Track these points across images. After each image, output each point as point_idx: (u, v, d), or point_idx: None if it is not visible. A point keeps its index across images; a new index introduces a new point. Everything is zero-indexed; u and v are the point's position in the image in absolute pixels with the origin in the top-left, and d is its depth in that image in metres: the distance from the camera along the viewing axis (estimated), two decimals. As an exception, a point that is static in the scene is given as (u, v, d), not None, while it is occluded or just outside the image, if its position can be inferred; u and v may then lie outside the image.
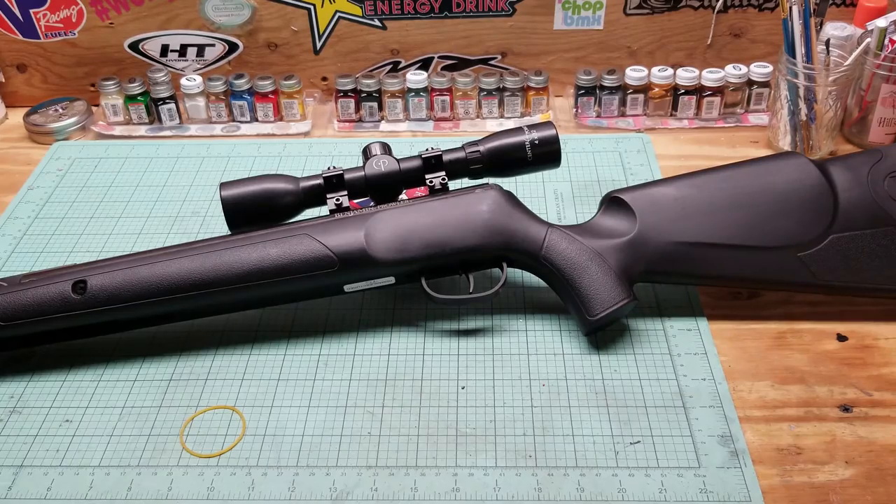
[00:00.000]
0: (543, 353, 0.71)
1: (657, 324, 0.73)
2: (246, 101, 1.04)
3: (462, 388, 0.68)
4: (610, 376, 0.69)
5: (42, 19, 1.05)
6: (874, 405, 0.66)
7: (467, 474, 0.61)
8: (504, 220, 0.72)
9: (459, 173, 0.76)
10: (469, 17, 1.04)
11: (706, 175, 0.75)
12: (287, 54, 1.07)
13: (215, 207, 0.90)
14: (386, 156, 0.75)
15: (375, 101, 1.04)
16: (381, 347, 0.72)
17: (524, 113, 1.05)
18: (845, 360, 0.70)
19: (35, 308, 0.68)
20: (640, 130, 1.01)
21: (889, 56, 0.90)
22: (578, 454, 0.62)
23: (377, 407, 0.67)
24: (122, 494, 0.61)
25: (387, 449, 0.64)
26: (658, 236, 0.71)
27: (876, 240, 0.71)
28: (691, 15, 1.03)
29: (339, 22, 1.04)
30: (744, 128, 1.01)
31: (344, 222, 0.71)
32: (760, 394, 0.67)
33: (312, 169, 0.96)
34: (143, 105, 1.05)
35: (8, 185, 0.97)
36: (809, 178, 0.72)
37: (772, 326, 0.73)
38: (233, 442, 0.65)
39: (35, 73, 1.10)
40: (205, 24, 1.05)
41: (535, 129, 0.75)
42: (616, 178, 0.93)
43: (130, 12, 1.04)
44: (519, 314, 0.75)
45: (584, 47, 1.06)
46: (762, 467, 0.61)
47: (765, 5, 1.02)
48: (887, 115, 0.93)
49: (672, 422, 0.65)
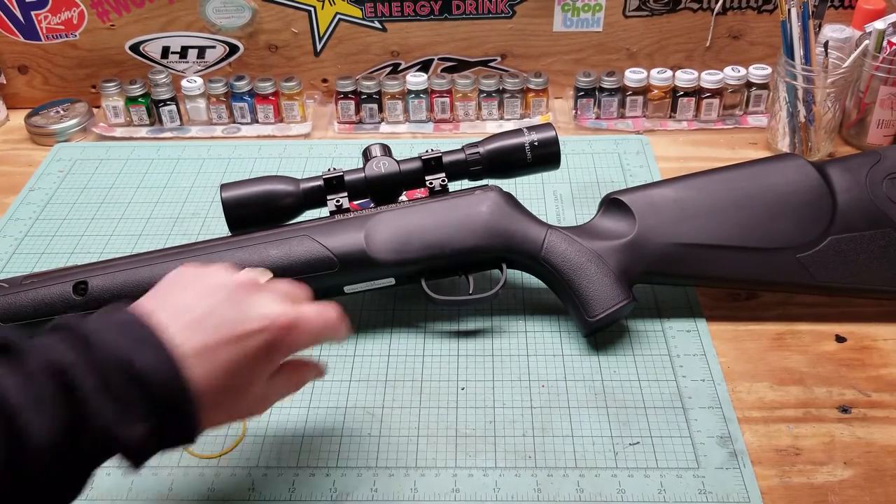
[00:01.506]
0: (543, 354, 0.71)
1: (656, 325, 0.74)
2: (246, 102, 1.05)
3: (462, 389, 0.69)
4: (609, 377, 0.69)
5: (43, 21, 1.05)
6: (873, 406, 0.66)
7: (467, 475, 0.62)
8: (504, 221, 0.72)
9: (459, 175, 0.76)
10: (469, 19, 1.04)
11: (705, 176, 0.75)
12: (287, 56, 1.08)
13: (216, 209, 0.90)
14: (386, 157, 0.75)
15: (375, 103, 1.04)
16: (381, 348, 0.73)
17: (524, 114, 1.05)
18: (844, 361, 0.70)
19: (36, 309, 0.68)
20: (640, 132, 1.02)
21: (887, 58, 0.90)
22: (578, 455, 0.63)
23: (377, 407, 0.67)
24: (123, 495, 0.61)
25: (387, 449, 0.64)
26: (657, 237, 0.72)
27: (874, 241, 0.71)
28: (690, 17, 1.03)
29: (339, 24, 1.05)
30: (743, 129, 1.01)
31: (344, 223, 0.72)
32: (759, 395, 0.67)
33: (313, 170, 0.96)
34: (143, 107, 1.05)
35: (9, 187, 0.97)
36: (808, 180, 0.73)
37: (770, 327, 0.74)
38: (233, 442, 0.65)
39: (36, 75, 1.10)
40: (205, 26, 1.05)
41: (534, 131, 0.75)
42: (615, 179, 0.93)
43: (131, 14, 1.04)
44: (518, 315, 0.75)
45: (583, 49, 1.06)
46: (761, 468, 0.61)
47: (763, 7, 1.02)
48: (886, 117, 0.94)
49: (671, 422, 0.65)
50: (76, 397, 0.42)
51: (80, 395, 0.42)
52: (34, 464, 0.40)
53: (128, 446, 0.44)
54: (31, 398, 0.40)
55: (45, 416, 0.40)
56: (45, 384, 0.41)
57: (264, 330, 0.49)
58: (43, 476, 0.41)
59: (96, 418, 0.42)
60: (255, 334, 0.48)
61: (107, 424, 0.42)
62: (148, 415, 0.43)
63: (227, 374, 0.47)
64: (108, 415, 0.42)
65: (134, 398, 0.43)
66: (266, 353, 0.49)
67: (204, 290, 0.49)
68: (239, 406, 0.51)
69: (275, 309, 0.50)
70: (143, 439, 0.44)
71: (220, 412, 0.49)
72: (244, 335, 0.48)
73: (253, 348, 0.48)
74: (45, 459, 0.41)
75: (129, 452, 0.44)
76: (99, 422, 0.42)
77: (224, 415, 0.50)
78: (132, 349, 0.44)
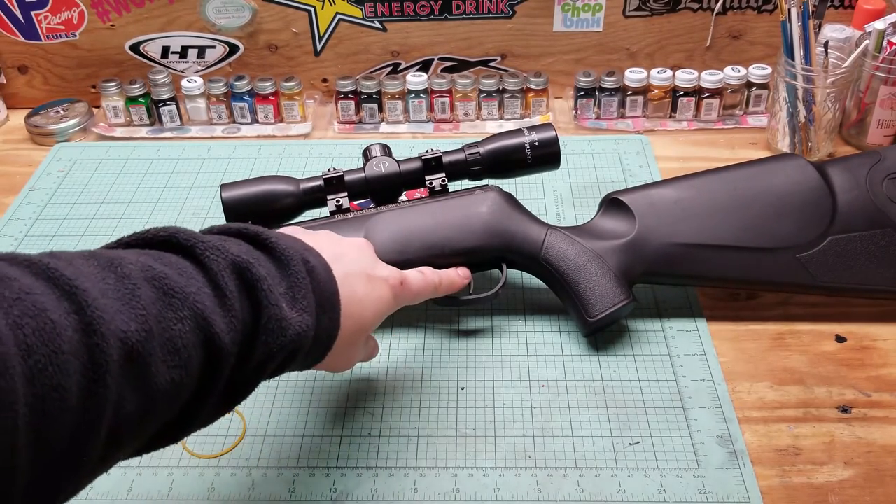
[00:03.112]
0: (543, 354, 0.71)
1: (656, 325, 0.74)
2: (246, 102, 1.05)
3: (462, 389, 0.69)
4: (609, 377, 0.69)
5: (43, 21, 1.05)
6: (873, 406, 0.66)
7: (467, 475, 0.62)
8: (504, 221, 0.72)
9: (459, 175, 0.76)
10: (469, 19, 1.04)
11: (705, 176, 0.75)
12: (287, 56, 1.08)
13: (216, 209, 0.90)
14: (386, 157, 0.75)
15: (375, 103, 1.04)
16: (381, 348, 0.73)
17: (524, 114, 1.05)
18: (844, 361, 0.70)
19: None
20: (640, 132, 1.02)
21: (887, 58, 0.90)
22: (578, 455, 0.63)
23: (377, 407, 0.67)
24: (123, 495, 0.61)
25: (387, 449, 0.64)
26: (657, 238, 0.72)
27: (874, 241, 0.71)
28: (690, 17, 1.03)
29: (339, 24, 1.05)
30: (743, 129, 1.01)
31: (344, 224, 0.72)
32: (759, 395, 0.67)
33: (313, 170, 0.96)
34: (143, 106, 1.05)
35: (9, 187, 0.97)
36: (808, 180, 0.73)
37: (771, 327, 0.74)
38: (233, 442, 0.65)
39: (36, 75, 1.10)
40: (205, 26, 1.05)
41: (534, 131, 0.75)
42: (615, 179, 0.93)
43: (131, 14, 1.04)
44: (518, 315, 0.75)
45: (583, 49, 1.06)
46: (761, 468, 0.61)
47: (763, 7, 1.02)
48: (886, 117, 0.94)
49: (671, 422, 0.65)
50: (258, 288, 0.44)
51: (262, 287, 0.44)
52: (224, 364, 0.42)
53: (299, 335, 0.45)
54: (218, 299, 0.42)
55: (232, 310, 0.42)
56: (230, 280, 0.43)
57: (388, 280, 0.57)
58: (226, 372, 0.42)
59: (275, 307, 0.44)
60: (381, 281, 0.57)
61: (283, 314, 0.45)
62: (313, 308, 0.47)
63: (359, 305, 0.53)
64: (283, 306, 0.45)
65: (305, 290, 0.47)
66: (385, 302, 0.57)
67: (337, 239, 0.57)
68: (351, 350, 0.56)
69: (392, 269, 0.59)
70: (309, 328, 0.46)
71: (339, 347, 0.52)
72: (374, 278, 0.56)
73: (378, 292, 0.56)
74: (231, 352, 0.42)
75: (296, 343, 0.46)
76: (275, 311, 0.44)
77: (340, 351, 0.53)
78: (305, 250, 0.50)
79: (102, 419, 0.35)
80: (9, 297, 0.33)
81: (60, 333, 0.33)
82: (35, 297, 0.34)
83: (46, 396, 0.33)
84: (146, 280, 0.39)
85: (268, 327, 0.44)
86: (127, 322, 0.37)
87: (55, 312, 0.34)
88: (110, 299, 0.37)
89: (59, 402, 0.33)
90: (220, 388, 0.43)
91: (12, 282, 0.34)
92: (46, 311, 0.34)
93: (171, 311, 0.39)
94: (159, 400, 0.38)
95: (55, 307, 0.34)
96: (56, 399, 0.33)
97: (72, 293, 0.35)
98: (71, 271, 0.36)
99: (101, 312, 0.35)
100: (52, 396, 0.33)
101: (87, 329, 0.35)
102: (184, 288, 0.40)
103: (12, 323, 0.32)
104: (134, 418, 0.37)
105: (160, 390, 0.38)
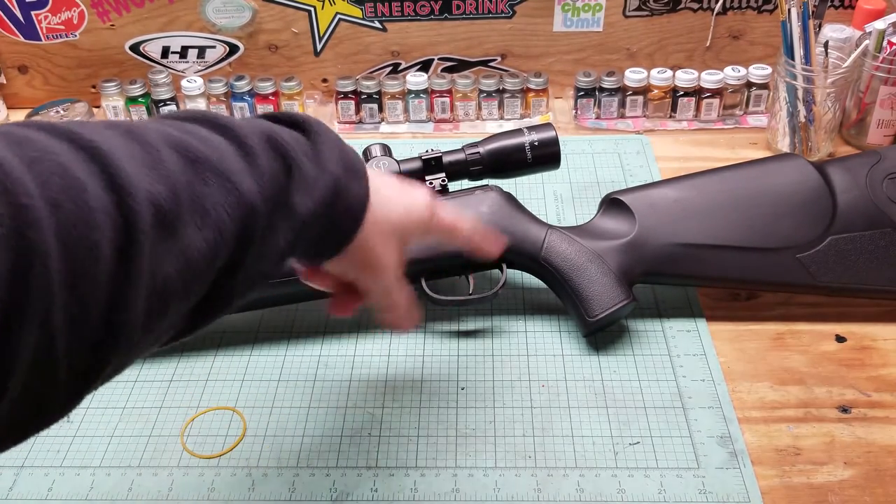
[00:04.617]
0: (543, 354, 0.71)
1: (656, 325, 0.74)
2: (247, 102, 1.05)
3: (462, 389, 0.69)
4: (609, 377, 0.69)
5: (43, 21, 1.05)
6: (873, 406, 0.66)
7: (467, 475, 0.62)
8: (504, 221, 0.72)
9: (459, 175, 0.76)
10: (469, 19, 1.04)
11: (705, 176, 0.75)
12: (287, 56, 1.08)
13: (216, 209, 0.90)
14: (386, 157, 0.75)
15: (375, 103, 1.04)
16: (381, 348, 0.73)
17: (524, 114, 1.05)
18: (844, 361, 0.70)
19: None
20: (640, 132, 1.02)
21: (887, 58, 0.90)
22: (578, 455, 0.63)
23: (377, 407, 0.67)
24: (123, 495, 0.61)
25: (387, 449, 0.64)
26: (657, 238, 0.72)
27: (874, 241, 0.71)
28: (690, 17, 1.03)
29: (339, 24, 1.05)
30: (743, 129, 1.01)
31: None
32: (759, 395, 0.67)
33: (313, 170, 0.96)
34: (144, 107, 1.05)
35: (9, 187, 0.97)
36: (808, 180, 0.73)
37: (771, 327, 0.74)
38: (233, 442, 0.65)
39: (36, 75, 1.10)
40: (205, 26, 1.05)
41: (534, 131, 0.75)
42: (615, 179, 0.93)
43: (131, 14, 1.04)
44: (519, 315, 0.75)
45: (583, 49, 1.06)
46: (761, 468, 0.61)
47: (763, 7, 1.02)
48: (886, 117, 0.94)
49: (671, 422, 0.65)
50: (285, 149, 0.44)
51: (289, 148, 0.44)
52: (256, 224, 0.41)
53: (329, 189, 0.45)
54: (244, 159, 0.41)
55: (261, 168, 0.42)
56: (257, 141, 0.43)
57: (423, 202, 0.56)
58: (259, 232, 0.41)
59: (305, 164, 0.44)
60: (418, 202, 0.55)
61: (311, 172, 0.45)
62: (341, 165, 0.47)
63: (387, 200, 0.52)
64: (310, 164, 0.45)
65: (331, 150, 0.47)
66: (418, 225, 0.55)
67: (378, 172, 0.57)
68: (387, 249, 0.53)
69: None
70: (339, 180, 0.46)
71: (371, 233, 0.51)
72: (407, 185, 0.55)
73: (415, 214, 0.55)
74: (262, 211, 0.41)
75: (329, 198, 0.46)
76: (306, 168, 0.44)
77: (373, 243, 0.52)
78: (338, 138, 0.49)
79: (139, 281, 0.34)
80: (33, 155, 0.32)
81: (89, 191, 0.32)
82: (59, 157, 0.33)
83: (79, 254, 0.31)
84: (168, 146, 0.38)
85: (299, 183, 0.44)
86: (153, 184, 0.36)
87: (82, 171, 0.33)
88: (136, 162, 0.36)
89: (93, 260, 0.32)
90: (255, 252, 0.41)
91: (35, 142, 0.33)
92: (72, 169, 0.32)
93: (196, 174, 0.38)
94: (194, 263, 0.37)
95: (81, 168, 0.33)
96: (89, 258, 0.32)
97: (97, 155, 0.34)
98: (95, 136, 0.35)
99: (127, 173, 0.34)
100: (85, 254, 0.32)
101: (115, 188, 0.34)
102: (207, 152, 0.40)
103: (37, 179, 0.31)
104: (171, 283, 0.36)
105: (194, 252, 0.37)
